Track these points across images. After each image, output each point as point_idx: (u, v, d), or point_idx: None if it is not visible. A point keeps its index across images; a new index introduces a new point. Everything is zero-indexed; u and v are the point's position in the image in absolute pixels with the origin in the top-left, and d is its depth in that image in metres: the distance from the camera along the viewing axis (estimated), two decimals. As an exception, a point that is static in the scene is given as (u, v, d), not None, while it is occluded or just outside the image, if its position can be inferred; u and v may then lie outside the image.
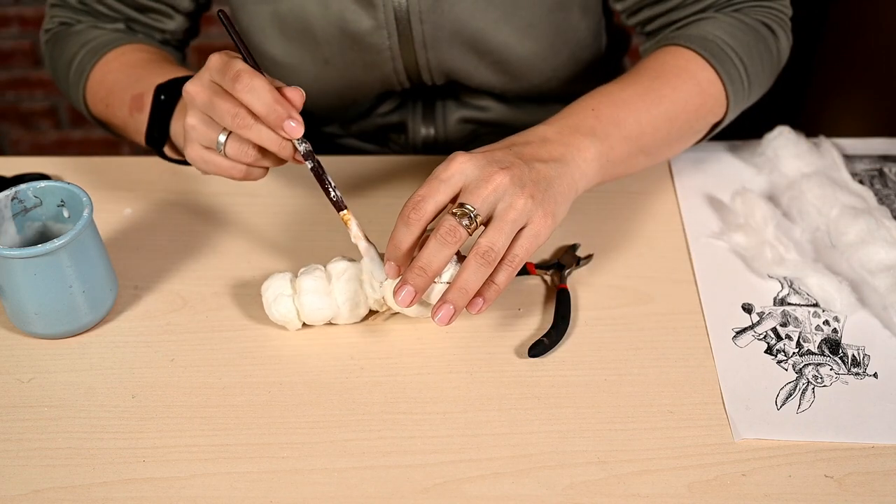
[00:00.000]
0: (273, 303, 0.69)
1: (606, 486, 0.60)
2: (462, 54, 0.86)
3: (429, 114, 0.95)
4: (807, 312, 0.72)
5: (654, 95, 0.75)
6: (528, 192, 0.63)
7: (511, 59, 0.86)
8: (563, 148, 0.69)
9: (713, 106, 0.79)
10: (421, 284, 0.63)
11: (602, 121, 0.72)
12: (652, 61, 0.79)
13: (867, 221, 0.76)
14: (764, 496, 0.59)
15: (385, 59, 0.86)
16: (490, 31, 0.84)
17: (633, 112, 0.74)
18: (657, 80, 0.77)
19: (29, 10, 1.86)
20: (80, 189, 0.69)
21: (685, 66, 0.78)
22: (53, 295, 0.67)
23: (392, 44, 0.84)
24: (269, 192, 0.84)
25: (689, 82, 0.77)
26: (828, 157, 0.86)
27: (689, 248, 0.78)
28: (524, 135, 0.70)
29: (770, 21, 0.83)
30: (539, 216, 0.64)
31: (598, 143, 0.71)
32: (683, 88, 0.77)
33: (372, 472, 0.61)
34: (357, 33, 0.84)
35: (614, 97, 0.74)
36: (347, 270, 0.69)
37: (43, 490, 0.60)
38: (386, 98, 0.94)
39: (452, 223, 0.62)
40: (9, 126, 2.05)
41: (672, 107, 0.76)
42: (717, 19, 0.81)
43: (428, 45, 0.84)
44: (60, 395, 0.66)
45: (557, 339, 0.69)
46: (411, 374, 0.67)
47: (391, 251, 0.65)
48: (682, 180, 0.85)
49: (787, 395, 0.66)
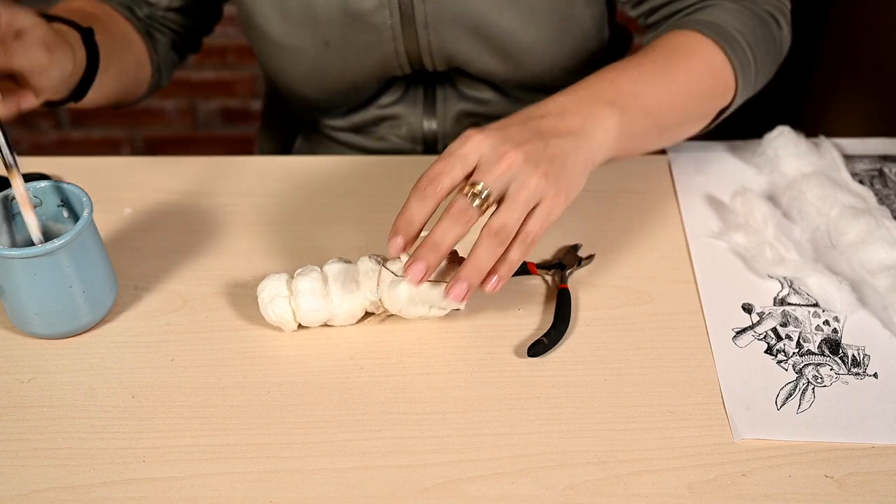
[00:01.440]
0: (269, 304, 0.68)
1: (606, 486, 0.60)
2: (464, 38, 0.85)
3: (429, 107, 0.95)
4: (807, 312, 0.72)
5: (670, 74, 0.75)
6: (542, 171, 0.63)
7: (513, 45, 0.86)
8: (581, 119, 0.68)
9: (723, 90, 0.79)
10: (433, 261, 0.63)
11: (622, 92, 0.71)
12: (664, 42, 0.79)
13: (867, 221, 0.76)
14: (764, 496, 0.59)
15: (386, 40, 0.85)
16: (493, 16, 0.83)
17: (651, 86, 0.74)
18: (671, 58, 0.76)
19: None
20: (80, 189, 0.69)
21: (697, 48, 0.78)
22: (53, 295, 0.67)
23: (394, 23, 0.84)
24: (269, 192, 0.84)
25: (701, 63, 0.77)
26: (828, 156, 0.86)
27: (689, 248, 0.78)
28: (542, 106, 0.69)
29: (774, 11, 0.84)
30: (552, 194, 0.64)
31: (619, 113, 0.70)
32: (697, 69, 0.77)
33: (372, 472, 0.61)
34: (358, 12, 0.83)
35: (631, 71, 0.74)
36: (344, 272, 0.69)
37: (43, 490, 0.60)
38: (387, 88, 0.94)
39: (464, 203, 0.62)
40: (9, 126, 2.05)
41: (687, 86, 0.76)
42: (724, 7, 0.81)
43: (430, 26, 0.84)
44: (60, 395, 0.66)
45: (557, 339, 0.69)
46: (411, 375, 0.67)
47: (403, 226, 0.63)
48: (682, 180, 0.85)
49: (787, 395, 0.66)
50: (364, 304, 0.69)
